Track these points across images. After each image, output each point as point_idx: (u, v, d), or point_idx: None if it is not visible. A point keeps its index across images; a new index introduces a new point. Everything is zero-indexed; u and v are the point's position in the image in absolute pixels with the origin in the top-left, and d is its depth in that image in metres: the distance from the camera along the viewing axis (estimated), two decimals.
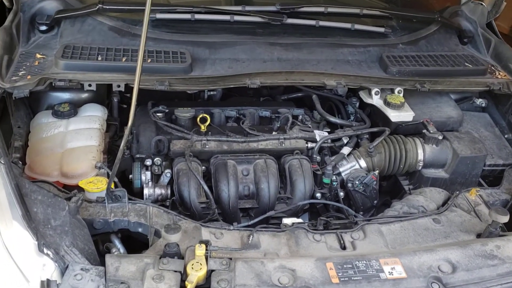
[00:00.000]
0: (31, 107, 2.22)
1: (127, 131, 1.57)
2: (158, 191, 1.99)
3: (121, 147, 1.56)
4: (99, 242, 1.77)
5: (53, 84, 1.94)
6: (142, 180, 1.99)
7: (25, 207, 1.47)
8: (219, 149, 2.05)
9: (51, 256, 1.39)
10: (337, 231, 1.73)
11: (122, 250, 1.77)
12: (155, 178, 2.05)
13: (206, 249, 1.47)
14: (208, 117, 2.13)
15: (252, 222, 1.80)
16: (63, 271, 1.40)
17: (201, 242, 1.50)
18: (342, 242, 1.68)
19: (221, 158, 1.99)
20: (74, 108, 2.14)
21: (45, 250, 1.40)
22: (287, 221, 1.78)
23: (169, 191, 1.99)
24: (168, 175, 2.00)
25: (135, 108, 1.50)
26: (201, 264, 1.43)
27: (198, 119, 2.13)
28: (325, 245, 1.66)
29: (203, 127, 2.13)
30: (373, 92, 2.28)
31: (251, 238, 1.62)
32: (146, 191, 1.97)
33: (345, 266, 1.50)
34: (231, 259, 1.48)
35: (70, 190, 1.81)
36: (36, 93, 2.10)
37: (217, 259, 1.46)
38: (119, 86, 2.00)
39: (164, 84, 1.99)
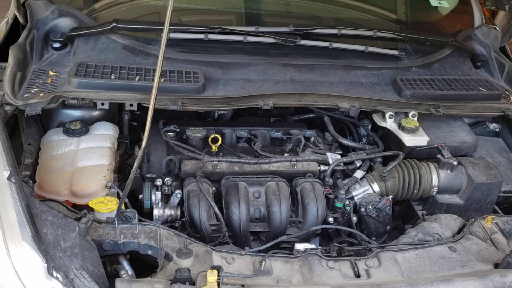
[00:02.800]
0: (42, 124, 2.21)
1: (140, 152, 1.55)
2: (168, 212, 1.96)
3: (133, 167, 1.54)
4: (107, 263, 1.74)
5: (66, 103, 1.94)
6: (152, 200, 1.97)
7: (35, 228, 1.45)
8: (230, 170, 2.02)
9: (61, 280, 1.36)
10: (351, 258, 1.69)
11: (130, 272, 1.73)
12: (165, 199, 2.02)
13: (218, 276, 1.43)
14: (219, 137, 2.11)
15: (264, 246, 1.76)
16: None
17: (213, 268, 1.46)
18: (356, 269, 1.64)
19: (232, 180, 1.97)
20: (85, 126, 2.12)
21: (55, 274, 1.37)
22: (300, 246, 1.74)
23: (179, 212, 1.96)
24: (179, 195, 1.97)
25: (149, 128, 1.48)
26: None
27: (209, 139, 2.11)
28: (339, 272, 1.62)
29: (214, 148, 2.10)
30: (387, 115, 2.26)
31: (263, 264, 1.58)
32: (156, 212, 1.94)
33: None
34: (243, 286, 1.44)
35: (79, 209, 1.79)
36: (48, 110, 2.09)
37: (229, 286, 1.43)
38: (131, 105, 1.99)
39: (177, 104, 1.97)
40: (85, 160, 1.97)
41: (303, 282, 1.58)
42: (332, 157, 2.20)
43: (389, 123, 2.28)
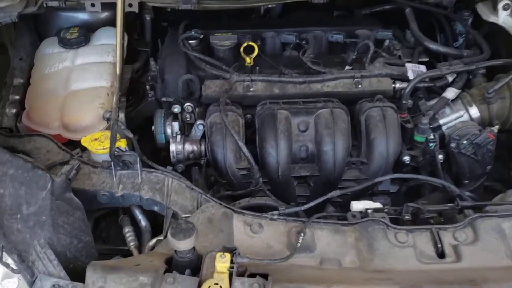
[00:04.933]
0: (39, 32, 1.77)
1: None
2: (189, 147, 1.51)
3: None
4: (120, 212, 1.38)
5: (45, 5, 1.45)
6: (167, 133, 1.52)
7: None
8: (268, 93, 1.50)
9: (13, 266, 0.99)
10: (432, 227, 1.16)
11: (144, 223, 1.37)
12: (187, 129, 1.56)
13: (232, 262, 0.99)
14: (255, 46, 1.55)
15: (306, 206, 1.27)
16: (30, 285, 1.00)
17: (225, 249, 1.02)
18: (439, 246, 1.13)
19: (269, 107, 1.44)
20: (85, 34, 1.66)
21: (5, 257, 0.99)
22: (358, 205, 1.24)
23: (203, 148, 1.51)
24: (201, 127, 1.50)
25: (121, 54, 0.98)
26: (221, 287, 0.96)
27: (242, 48, 1.56)
28: (413, 251, 1.12)
29: (248, 60, 1.56)
30: (500, 5, 1.55)
31: (301, 237, 1.11)
32: (173, 148, 1.50)
33: None
34: (267, 277, 0.99)
35: (77, 146, 1.40)
36: (44, 15, 1.64)
37: (246, 278, 0.99)
38: (131, 5, 1.47)
39: (190, 2, 1.41)
40: (80, 81, 1.53)
41: (359, 265, 1.10)
42: (414, 69, 1.58)
43: (503, 17, 1.58)
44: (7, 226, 1.04)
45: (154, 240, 1.30)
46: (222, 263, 0.99)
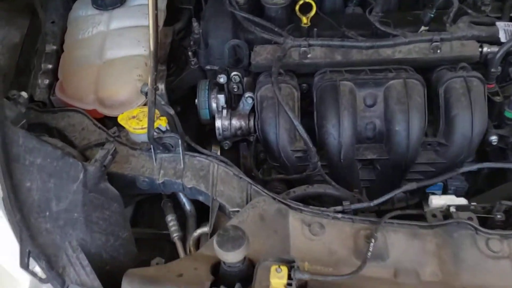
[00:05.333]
0: None
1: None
2: (236, 123, 1.34)
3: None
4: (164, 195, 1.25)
5: None
6: (213, 108, 1.34)
7: (10, 181, 0.94)
8: (328, 60, 1.27)
9: (41, 275, 0.88)
10: None
11: (189, 207, 1.23)
12: (234, 100, 1.38)
13: (290, 278, 0.83)
14: (313, 3, 1.31)
15: (375, 202, 1.08)
16: None
17: (281, 261, 0.86)
18: None
19: (330, 78, 1.23)
20: None
21: (32, 264, 0.88)
22: (437, 201, 1.04)
23: (252, 124, 1.33)
24: (250, 100, 1.32)
25: None
26: None
27: (297, 6, 1.33)
28: (510, 264, 0.92)
29: (305, 20, 1.33)
30: None
31: (371, 244, 0.93)
32: (218, 124, 1.33)
33: None
34: None
35: (115, 123, 1.26)
36: None
37: None
38: None
39: None
40: (116, 48, 1.37)
41: (441, 278, 0.92)
42: (506, 28, 1.30)
43: None
44: (34, 226, 0.93)
45: (198, 231, 1.17)
46: (278, 278, 0.83)
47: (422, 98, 1.21)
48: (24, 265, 0.86)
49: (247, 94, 1.32)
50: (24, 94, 1.24)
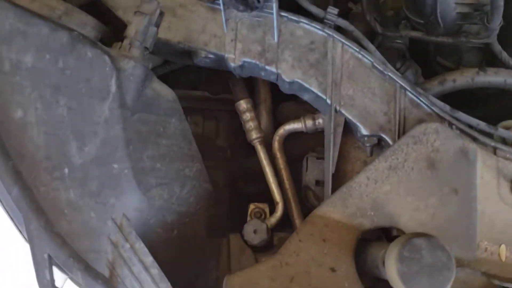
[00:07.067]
0: None
1: None
2: None
3: None
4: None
5: None
6: None
7: None
8: None
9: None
10: None
11: None
12: None
13: None
14: None
15: None
16: None
17: None
18: None
19: None
20: None
21: (60, 278, 0.49)
22: None
23: None
24: None
25: None
26: None
27: None
28: None
29: None
30: None
31: None
32: None
33: None
34: None
35: None
36: None
37: None
38: None
39: None
40: None
41: None
42: None
43: None
44: (47, 201, 0.50)
45: (287, 127, 0.78)
46: None
47: None
48: (46, 284, 0.47)
49: None
50: None
